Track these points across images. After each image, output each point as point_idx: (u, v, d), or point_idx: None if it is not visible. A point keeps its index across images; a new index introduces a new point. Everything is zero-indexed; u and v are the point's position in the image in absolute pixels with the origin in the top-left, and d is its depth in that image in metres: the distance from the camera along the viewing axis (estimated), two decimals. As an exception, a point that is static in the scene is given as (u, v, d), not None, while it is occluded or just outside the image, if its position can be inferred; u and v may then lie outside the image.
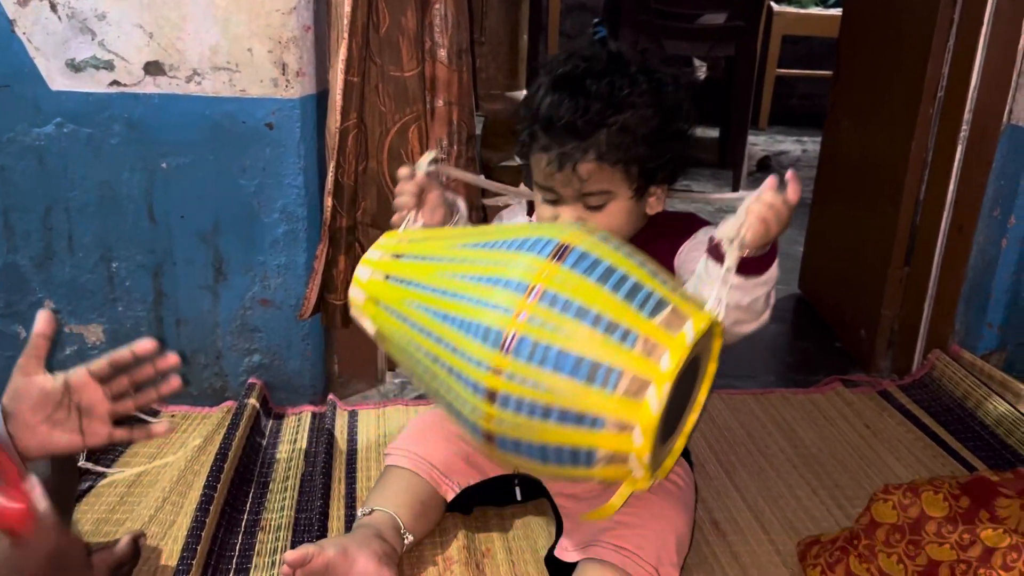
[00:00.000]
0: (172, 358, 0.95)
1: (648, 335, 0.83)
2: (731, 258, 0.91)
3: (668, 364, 0.81)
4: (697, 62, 3.91)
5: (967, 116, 1.62)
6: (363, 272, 1.00)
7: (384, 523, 1.12)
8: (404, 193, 1.08)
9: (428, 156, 1.11)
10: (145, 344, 0.93)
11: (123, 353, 0.93)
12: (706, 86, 3.95)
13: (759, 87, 4.23)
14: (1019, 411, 1.51)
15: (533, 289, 0.84)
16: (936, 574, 1.10)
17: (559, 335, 0.83)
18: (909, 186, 1.75)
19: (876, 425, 1.58)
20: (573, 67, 1.04)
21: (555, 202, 1.08)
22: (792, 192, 0.93)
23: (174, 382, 0.95)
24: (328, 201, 1.40)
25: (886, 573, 1.12)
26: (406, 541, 1.13)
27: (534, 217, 1.14)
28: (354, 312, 1.02)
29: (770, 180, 0.93)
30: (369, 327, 1.01)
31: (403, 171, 1.09)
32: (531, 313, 0.83)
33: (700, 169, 3.64)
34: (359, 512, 1.15)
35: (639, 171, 1.05)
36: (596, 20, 4.03)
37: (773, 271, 0.99)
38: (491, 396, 0.84)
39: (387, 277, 0.97)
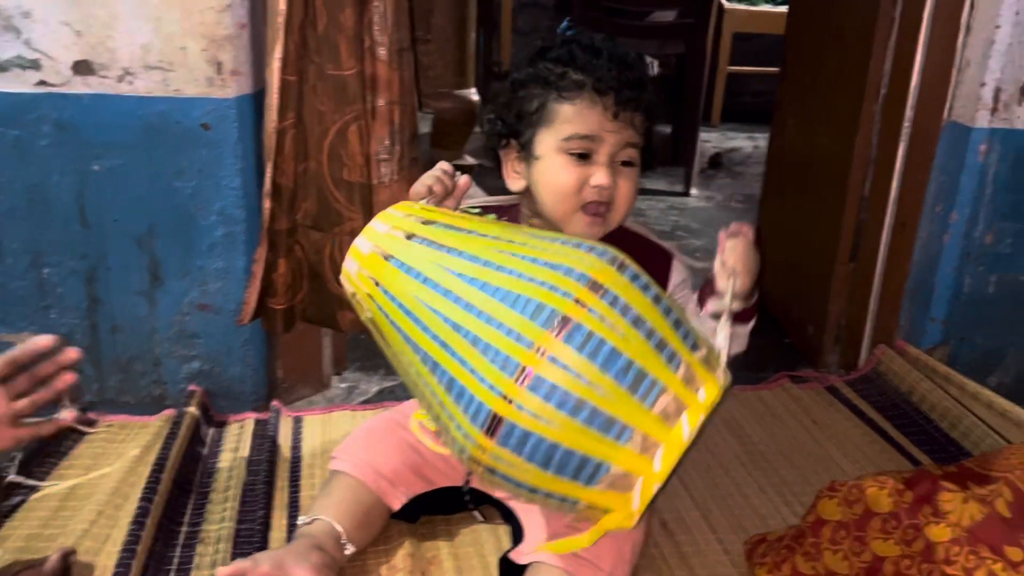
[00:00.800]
0: (71, 352, 0.93)
1: (691, 365, 0.83)
2: (725, 330, 0.92)
3: (705, 398, 0.81)
4: (649, 59, 3.92)
5: (909, 113, 1.64)
6: (380, 226, 0.93)
7: (324, 532, 1.09)
8: (436, 180, 1.02)
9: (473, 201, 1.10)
10: (44, 340, 0.91)
11: (22, 351, 0.91)
12: (658, 83, 3.96)
13: (711, 84, 4.25)
14: (962, 404, 1.52)
15: (592, 282, 0.82)
16: (881, 570, 1.11)
17: (615, 333, 0.80)
18: (854, 183, 1.77)
19: (824, 421, 1.59)
20: (587, 36, 1.08)
21: (585, 157, 1.04)
22: (746, 234, 1.00)
23: (67, 377, 0.93)
24: (267, 203, 1.37)
25: (832, 571, 1.12)
26: (347, 551, 1.10)
27: (543, 182, 1.08)
28: (348, 288, 0.95)
29: (722, 238, 1.00)
30: (362, 305, 0.93)
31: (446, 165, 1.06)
32: (591, 305, 0.81)
33: (652, 166, 3.64)
34: (299, 521, 1.13)
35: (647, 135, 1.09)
36: (568, 19, 4.02)
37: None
38: (523, 374, 0.79)
39: (410, 237, 0.91)
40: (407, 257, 0.90)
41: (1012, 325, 1.66)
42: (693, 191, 3.30)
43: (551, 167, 1.06)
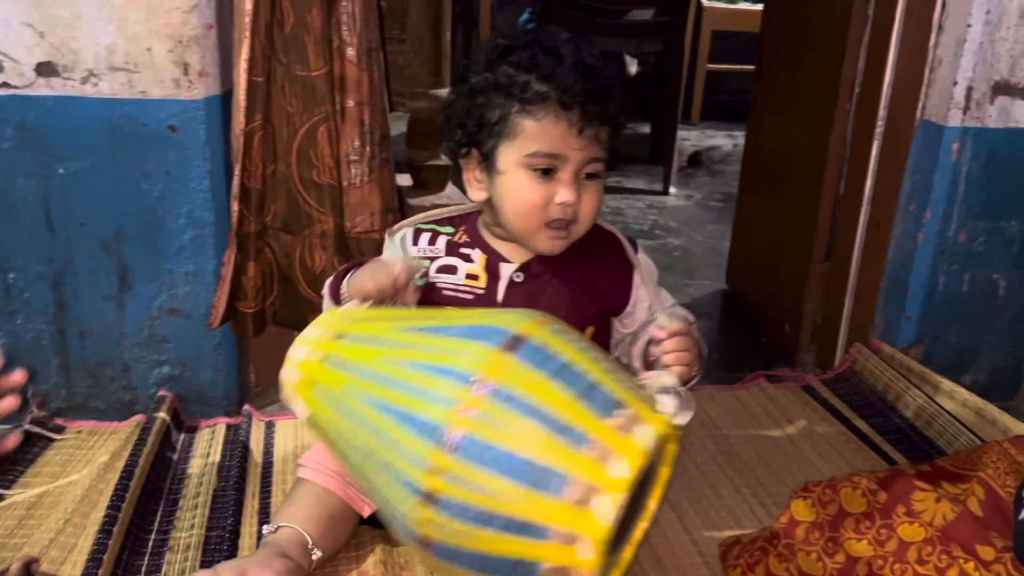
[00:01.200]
0: (17, 376, 0.90)
1: (603, 439, 0.78)
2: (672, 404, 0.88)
3: (624, 472, 0.76)
4: (628, 57, 3.92)
5: (882, 112, 1.64)
6: (299, 352, 0.93)
7: (290, 539, 1.07)
8: (380, 283, 0.99)
9: (420, 269, 1.07)
10: None
11: None
12: (637, 81, 3.97)
13: (690, 82, 4.27)
14: (937, 403, 1.53)
15: (480, 382, 0.78)
16: (854, 571, 1.10)
17: (506, 434, 0.77)
18: (829, 181, 1.77)
19: (799, 421, 1.59)
20: (551, 36, 1.03)
21: (549, 173, 1.02)
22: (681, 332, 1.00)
23: (8, 403, 0.90)
24: (235, 206, 1.35)
25: (805, 572, 1.11)
26: (314, 557, 1.09)
27: (510, 200, 1.06)
28: (285, 394, 0.95)
29: (653, 332, 1.02)
30: (301, 411, 0.94)
31: (389, 265, 1.01)
32: (477, 408, 0.78)
33: (632, 165, 3.65)
34: (264, 530, 1.11)
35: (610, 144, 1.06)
36: (528, 10, 4.01)
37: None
38: (429, 498, 0.78)
39: (325, 359, 0.91)
40: (325, 382, 0.91)
41: (986, 323, 1.66)
42: (672, 190, 3.30)
43: (514, 183, 1.04)
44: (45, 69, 1.30)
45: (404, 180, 2.07)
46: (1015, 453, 1.20)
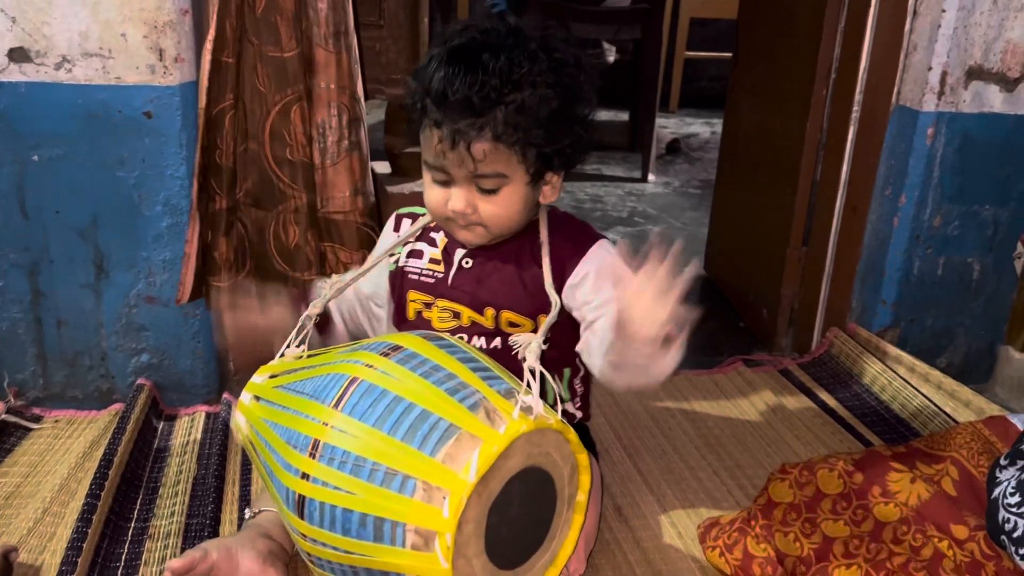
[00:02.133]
0: None
1: (488, 401, 0.86)
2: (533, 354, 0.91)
3: (505, 431, 0.82)
4: (606, 45, 3.92)
5: (858, 98, 1.65)
6: (244, 396, 1.02)
7: (272, 521, 1.08)
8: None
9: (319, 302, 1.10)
10: None
11: None
12: (615, 69, 3.97)
13: (668, 69, 4.27)
14: (912, 386, 1.55)
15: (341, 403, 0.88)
16: (831, 550, 1.12)
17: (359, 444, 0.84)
18: (805, 167, 1.78)
19: (777, 404, 1.60)
20: (470, 39, 0.99)
21: (446, 183, 1.03)
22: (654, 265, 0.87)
23: None
24: (195, 182, 1.34)
25: (783, 552, 1.13)
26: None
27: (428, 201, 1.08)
28: (236, 435, 1.05)
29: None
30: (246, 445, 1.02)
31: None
32: (338, 424, 0.86)
33: (611, 152, 3.65)
34: (246, 513, 1.11)
35: (537, 155, 1.01)
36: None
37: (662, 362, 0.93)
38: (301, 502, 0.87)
39: (257, 399, 1.00)
40: (251, 418, 1.00)
41: (960, 307, 1.68)
42: (651, 177, 3.31)
43: (425, 181, 1.07)
44: (17, 55, 1.28)
45: (383, 167, 2.06)
46: (988, 434, 1.22)
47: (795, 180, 1.79)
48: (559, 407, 0.91)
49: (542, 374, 0.88)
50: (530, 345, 0.91)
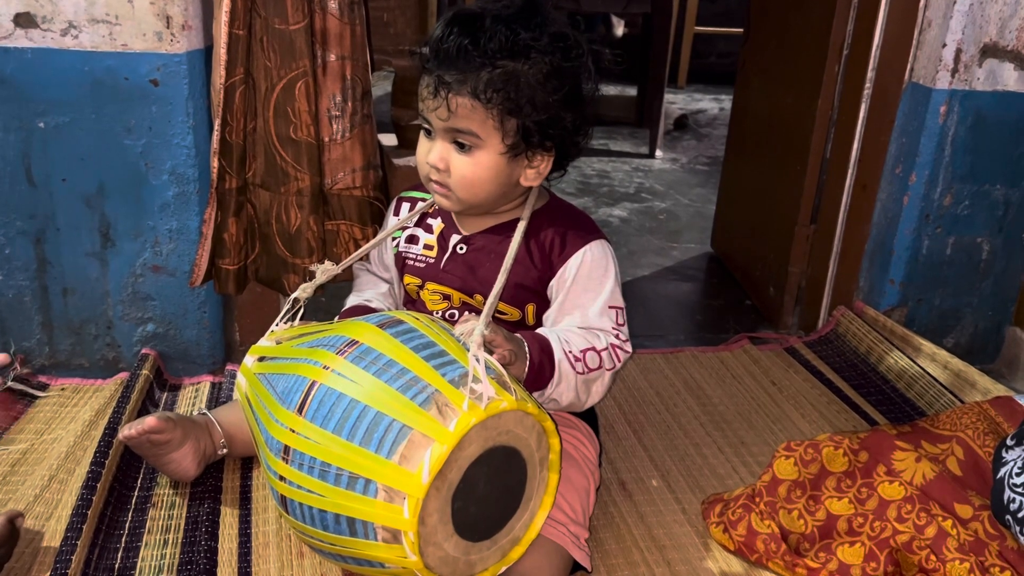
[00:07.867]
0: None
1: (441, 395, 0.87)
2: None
3: (455, 428, 0.84)
4: (615, 19, 3.89)
5: (870, 75, 1.63)
6: (247, 359, 1.06)
7: (208, 425, 1.22)
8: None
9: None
10: None
11: None
12: (624, 43, 3.94)
13: (677, 45, 4.23)
14: (918, 365, 1.54)
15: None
16: (834, 527, 1.12)
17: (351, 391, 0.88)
18: (815, 144, 1.76)
19: (782, 382, 1.60)
20: (484, 6, 1.02)
21: (429, 135, 1.06)
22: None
23: None
24: (214, 162, 1.33)
25: (786, 529, 1.13)
26: (221, 452, 1.23)
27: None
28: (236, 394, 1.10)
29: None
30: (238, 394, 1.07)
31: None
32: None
33: (618, 128, 3.63)
34: (195, 412, 1.23)
35: (517, 127, 1.02)
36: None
37: (558, 381, 1.04)
38: (286, 451, 0.90)
39: (261, 358, 1.04)
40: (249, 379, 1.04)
41: (968, 287, 1.67)
42: (658, 153, 3.30)
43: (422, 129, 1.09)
44: (24, 20, 1.27)
45: (389, 140, 2.05)
46: (994, 414, 1.22)
47: (805, 157, 1.78)
48: (511, 386, 0.91)
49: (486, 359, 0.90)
50: (472, 334, 0.91)
